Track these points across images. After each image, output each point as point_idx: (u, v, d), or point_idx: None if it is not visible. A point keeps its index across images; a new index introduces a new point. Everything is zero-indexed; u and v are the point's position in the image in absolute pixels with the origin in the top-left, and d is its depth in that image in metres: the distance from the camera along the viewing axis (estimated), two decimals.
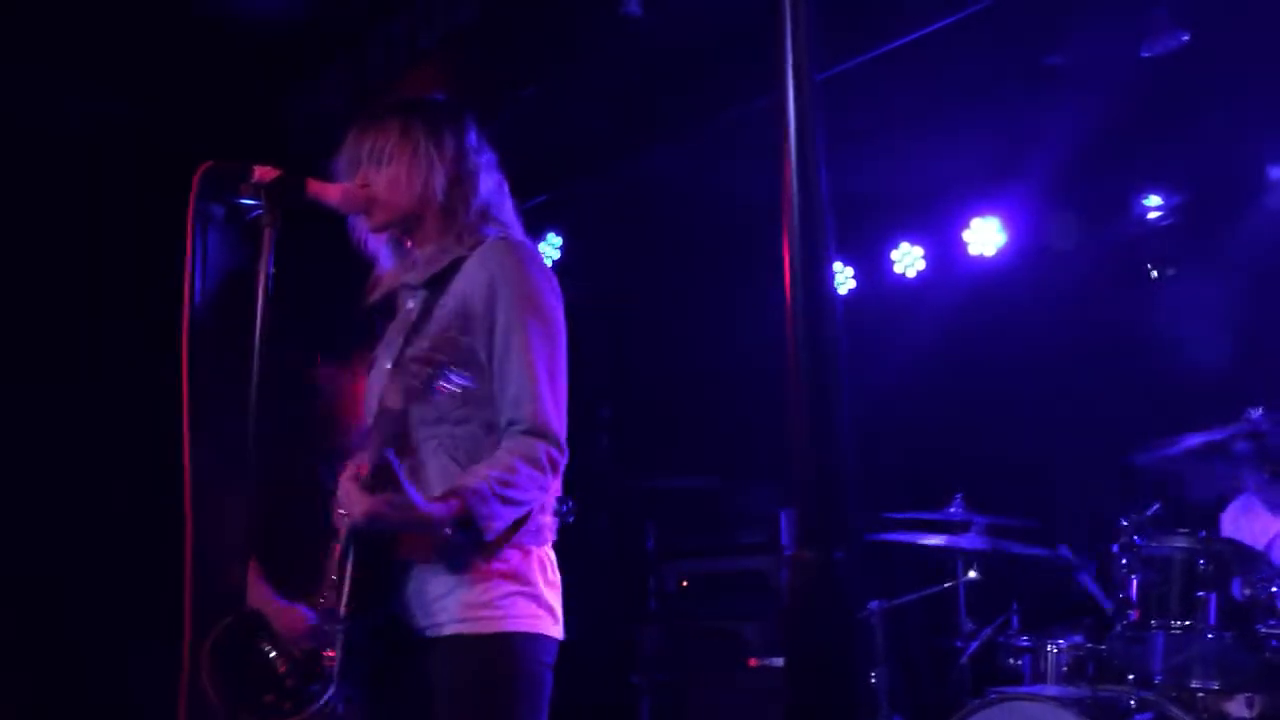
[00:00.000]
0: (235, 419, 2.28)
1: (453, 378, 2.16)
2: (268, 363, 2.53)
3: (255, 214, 2.35)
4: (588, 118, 5.14)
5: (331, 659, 2.37)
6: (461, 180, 2.54)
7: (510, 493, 2.31)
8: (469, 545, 2.33)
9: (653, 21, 4.13)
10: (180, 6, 4.77)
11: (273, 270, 2.26)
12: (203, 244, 2.27)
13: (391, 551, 2.37)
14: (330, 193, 2.46)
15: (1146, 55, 4.46)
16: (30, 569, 4.77)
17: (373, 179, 2.50)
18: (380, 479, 2.24)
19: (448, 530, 2.27)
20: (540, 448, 2.36)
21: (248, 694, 2.44)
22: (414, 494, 2.25)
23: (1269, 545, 4.04)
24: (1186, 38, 4.38)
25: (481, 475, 2.30)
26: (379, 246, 2.63)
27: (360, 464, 2.30)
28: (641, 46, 4.50)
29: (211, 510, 2.27)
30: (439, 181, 2.51)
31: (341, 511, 2.35)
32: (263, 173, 2.32)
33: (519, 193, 2.71)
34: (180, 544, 2.20)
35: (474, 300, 2.42)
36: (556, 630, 2.46)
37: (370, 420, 2.52)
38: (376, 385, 2.54)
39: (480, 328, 2.40)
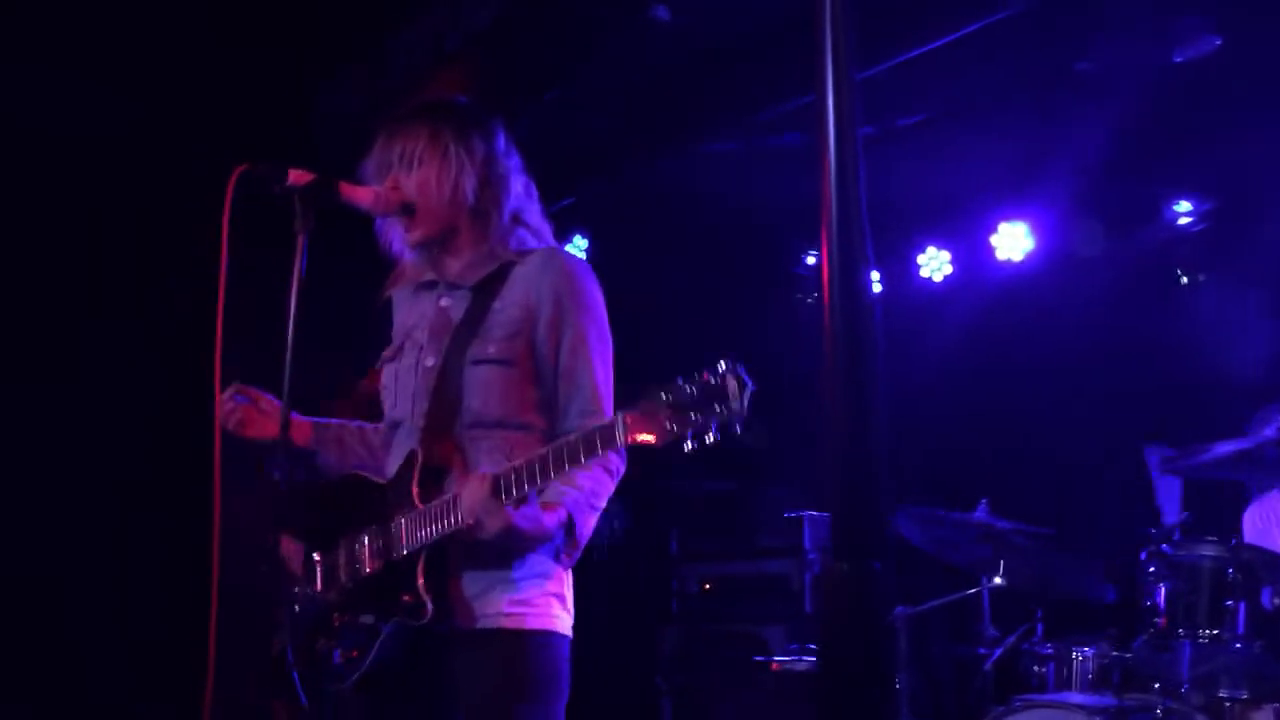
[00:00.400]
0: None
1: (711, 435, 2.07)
2: (299, 364, 2.55)
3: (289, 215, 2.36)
4: (613, 120, 5.15)
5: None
6: (491, 183, 2.56)
7: (598, 501, 2.44)
8: (553, 550, 2.40)
9: (679, 26, 4.13)
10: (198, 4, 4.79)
11: (304, 273, 2.27)
12: (238, 246, 2.28)
13: (458, 549, 2.38)
14: (362, 196, 2.48)
15: (1178, 60, 4.44)
16: (28, 569, 4.78)
17: (403, 182, 2.52)
18: (497, 488, 2.27)
19: (560, 540, 2.37)
20: (613, 458, 2.45)
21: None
22: (537, 509, 2.31)
23: None
24: (1219, 42, 4.35)
25: (576, 484, 2.39)
26: (404, 248, 2.64)
27: (492, 475, 2.28)
28: (668, 50, 4.50)
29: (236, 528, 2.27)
30: (469, 184, 2.53)
31: (468, 520, 2.31)
32: (297, 176, 2.33)
33: (544, 195, 2.72)
34: (190, 544, 2.20)
35: (540, 310, 2.47)
36: (571, 631, 2.52)
37: (417, 418, 2.51)
38: (410, 380, 2.54)
39: (547, 338, 2.47)
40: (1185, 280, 5.51)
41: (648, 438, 2.06)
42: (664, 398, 2.05)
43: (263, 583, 2.37)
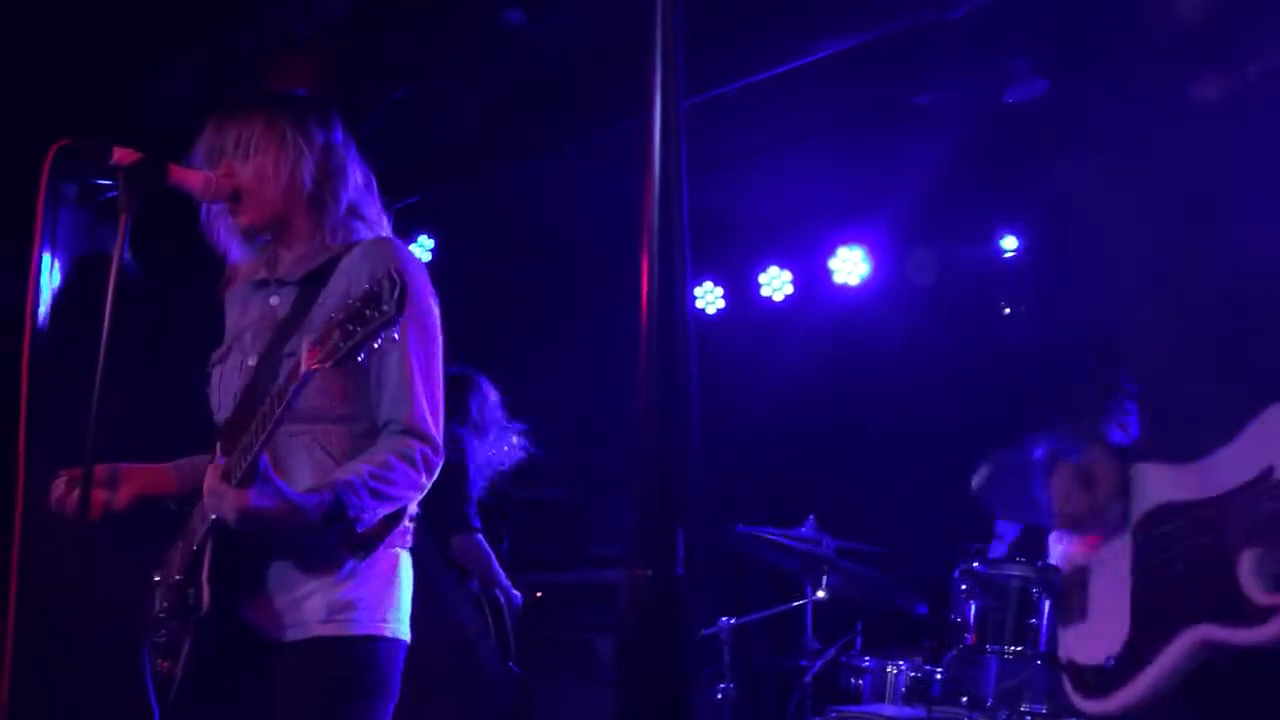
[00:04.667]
0: (77, 410, 2.19)
1: (377, 342, 2.01)
2: (115, 352, 2.45)
3: (110, 195, 2.27)
4: (462, 122, 5.11)
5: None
6: (330, 174, 2.51)
7: (383, 487, 2.28)
8: (339, 541, 2.29)
9: (534, 31, 4.13)
10: None
11: (127, 256, 2.19)
12: (53, 223, 2.18)
13: (253, 549, 2.31)
14: (193, 180, 2.40)
15: (1009, 100, 4.65)
16: None
17: (238, 170, 2.45)
18: (250, 474, 2.17)
19: (318, 521, 2.21)
20: (416, 446, 2.34)
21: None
22: (282, 484, 2.18)
23: None
24: (1046, 86, 4.58)
25: (354, 469, 2.28)
26: (229, 238, 2.56)
27: (224, 463, 2.22)
28: (521, 55, 4.49)
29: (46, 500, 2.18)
30: (307, 172, 2.47)
31: (210, 513, 2.27)
32: (123, 154, 2.25)
33: (390, 192, 2.68)
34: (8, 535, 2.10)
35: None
36: (407, 634, 2.44)
37: (228, 414, 2.45)
38: (233, 381, 2.48)
39: None
40: (1007, 310, 5.75)
41: (320, 359, 2.03)
42: (334, 316, 2.04)
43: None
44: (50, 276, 2.20)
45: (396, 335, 2.01)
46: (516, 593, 4.76)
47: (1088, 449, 2.24)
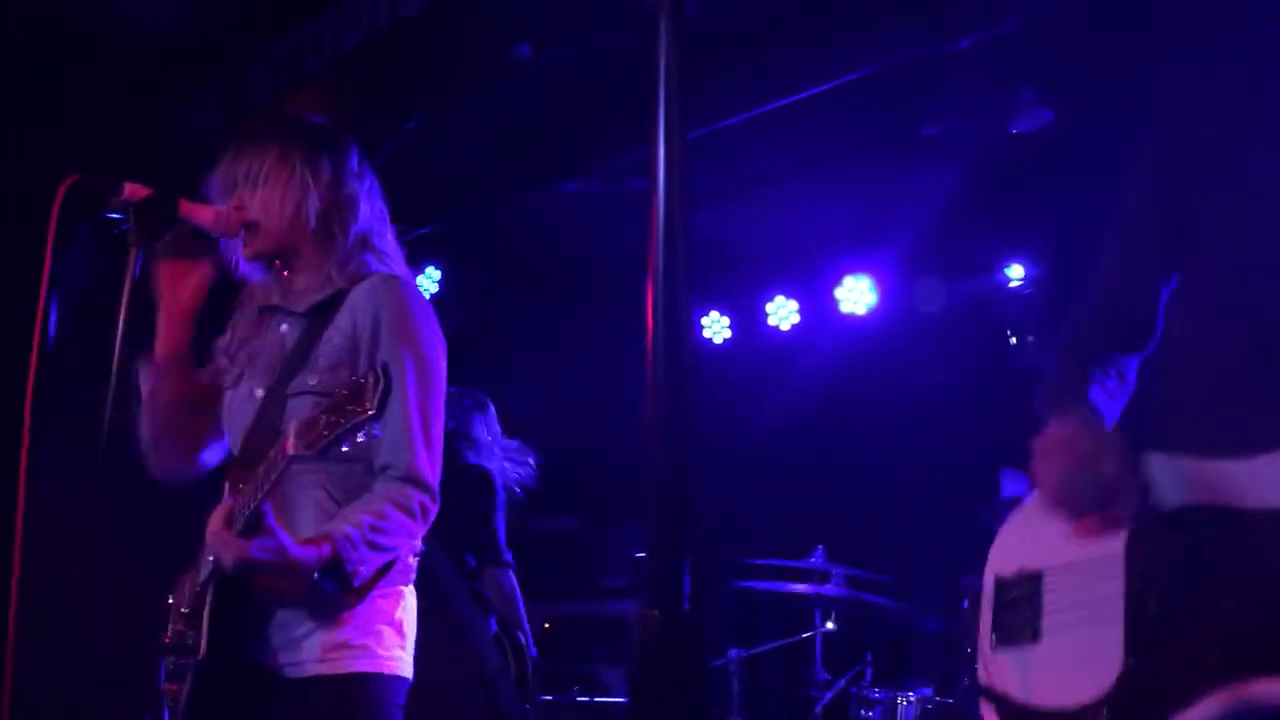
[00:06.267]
0: (81, 444, 2.20)
1: (360, 436, 2.10)
2: (125, 384, 2.46)
3: (122, 229, 2.29)
4: (472, 154, 5.14)
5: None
6: (339, 206, 2.50)
7: (380, 539, 2.28)
8: (335, 591, 2.29)
9: (542, 66, 4.17)
10: (56, 15, 4.62)
11: (136, 290, 2.20)
12: (62, 258, 2.20)
13: (252, 591, 2.32)
14: (202, 214, 2.41)
15: (1015, 131, 4.68)
16: None
17: (247, 202, 2.46)
18: (253, 522, 2.19)
19: (315, 575, 2.23)
20: (414, 495, 2.34)
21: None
22: (285, 539, 2.19)
23: None
24: (1051, 117, 4.61)
25: (354, 520, 2.27)
26: (251, 269, 2.57)
27: (229, 505, 2.23)
28: (530, 89, 4.53)
29: (50, 532, 2.19)
30: (312, 206, 2.46)
31: (210, 557, 2.28)
32: (133, 190, 2.25)
33: (398, 223, 2.69)
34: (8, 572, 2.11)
35: (360, 338, 2.39)
36: (409, 670, 2.42)
37: (237, 446, 2.46)
38: (243, 410, 2.48)
39: (365, 366, 2.36)
40: (1014, 340, 5.75)
41: (302, 446, 2.10)
42: (319, 403, 2.12)
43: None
44: (59, 310, 2.21)
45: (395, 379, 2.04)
46: (534, 648, 4.71)
47: (1076, 412, 1.76)
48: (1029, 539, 1.84)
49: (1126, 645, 1.61)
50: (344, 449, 2.08)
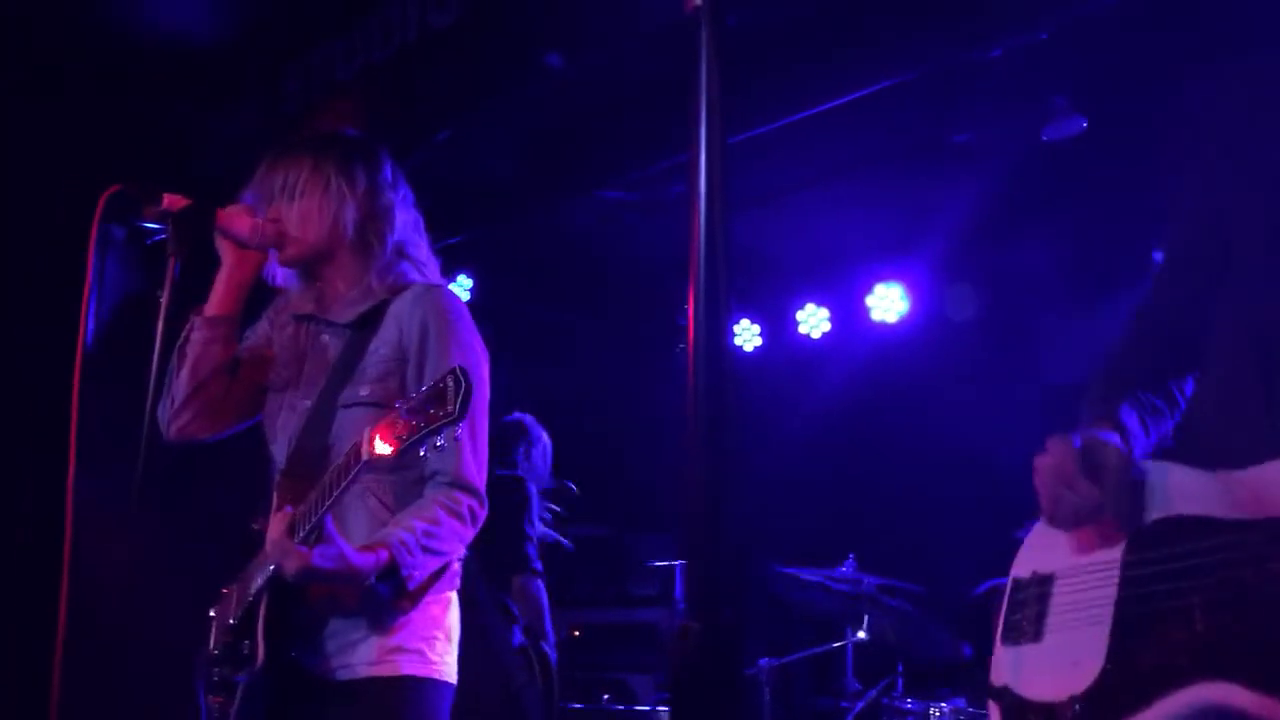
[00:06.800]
0: (124, 446, 2.22)
1: (439, 440, 2.10)
2: (165, 390, 2.49)
3: (158, 239, 2.31)
4: (503, 163, 5.17)
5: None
6: (375, 216, 2.52)
7: (434, 544, 2.32)
8: (390, 595, 2.32)
9: (573, 74, 4.18)
10: (97, 24, 4.68)
11: (173, 298, 2.22)
12: (102, 266, 2.23)
13: (307, 598, 2.34)
14: (239, 225, 2.44)
15: (1046, 139, 4.65)
16: None
17: (284, 214, 2.48)
18: (316, 530, 2.22)
19: (372, 580, 2.26)
20: (464, 500, 2.37)
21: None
22: (345, 546, 2.22)
23: None
24: (1085, 125, 4.58)
25: (407, 525, 2.30)
26: (289, 279, 2.60)
27: (290, 514, 2.24)
28: (561, 97, 4.54)
29: (94, 536, 2.21)
30: (350, 217, 2.49)
31: (269, 565, 2.29)
32: (172, 200, 2.29)
33: (430, 232, 2.70)
34: (56, 574, 2.13)
35: (409, 349, 2.42)
36: (455, 677, 2.45)
37: (283, 458, 2.48)
38: (289, 422, 2.50)
39: (416, 377, 2.40)
40: None
41: (385, 449, 2.09)
42: (398, 407, 2.11)
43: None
44: (97, 318, 2.24)
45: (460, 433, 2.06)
46: (555, 654, 4.71)
47: (1095, 428, 1.79)
48: (1047, 542, 1.90)
49: (1109, 645, 1.69)
50: (421, 452, 2.09)
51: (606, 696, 5.60)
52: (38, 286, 4.82)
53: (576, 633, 5.95)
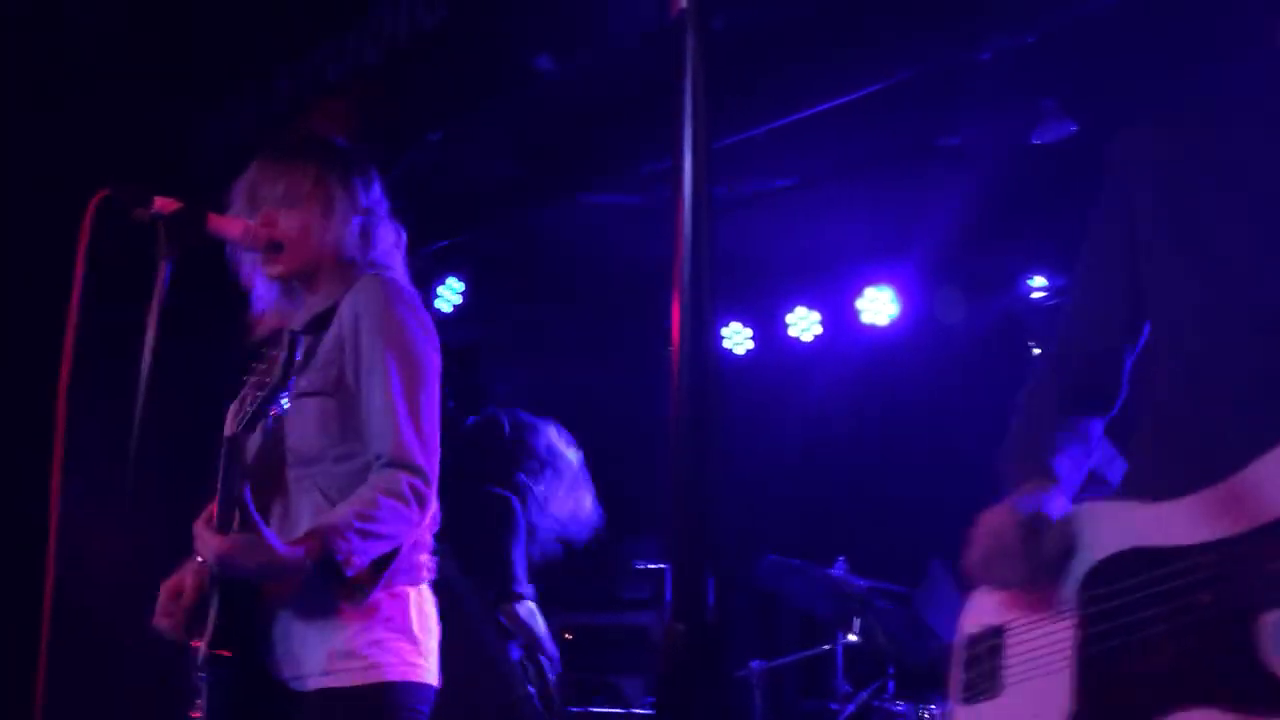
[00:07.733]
0: (113, 449, 2.22)
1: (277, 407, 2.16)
2: (154, 394, 2.48)
3: (149, 241, 2.31)
4: (493, 166, 5.17)
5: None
6: (366, 234, 2.55)
7: (371, 526, 2.24)
8: (331, 586, 2.27)
9: (563, 77, 4.19)
10: (87, 25, 4.68)
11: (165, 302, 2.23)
12: (92, 270, 2.22)
13: (256, 595, 2.32)
14: (231, 229, 2.43)
15: (1036, 142, 4.67)
16: None
17: (280, 220, 2.47)
18: (244, 521, 2.20)
19: (308, 568, 2.21)
20: (403, 479, 2.30)
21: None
22: (269, 535, 2.20)
23: None
24: (1075, 128, 4.59)
25: (340, 512, 2.26)
26: (259, 282, 2.58)
27: (213, 507, 2.24)
28: (552, 100, 4.55)
29: (79, 546, 2.20)
30: (347, 233, 2.51)
31: (199, 557, 2.29)
32: (163, 203, 2.28)
33: (422, 236, 2.72)
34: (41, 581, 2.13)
35: (346, 336, 2.41)
36: (430, 675, 2.39)
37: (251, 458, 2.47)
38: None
39: (351, 362, 2.39)
40: (1038, 351, 5.73)
41: (236, 429, 2.19)
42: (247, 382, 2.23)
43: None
44: (88, 320, 2.24)
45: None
46: (559, 665, 4.67)
47: (1031, 490, 1.83)
48: (993, 595, 1.89)
49: (1076, 689, 1.68)
50: (267, 422, 2.15)
51: (598, 700, 5.60)
52: (29, 289, 4.81)
53: (567, 636, 5.94)
